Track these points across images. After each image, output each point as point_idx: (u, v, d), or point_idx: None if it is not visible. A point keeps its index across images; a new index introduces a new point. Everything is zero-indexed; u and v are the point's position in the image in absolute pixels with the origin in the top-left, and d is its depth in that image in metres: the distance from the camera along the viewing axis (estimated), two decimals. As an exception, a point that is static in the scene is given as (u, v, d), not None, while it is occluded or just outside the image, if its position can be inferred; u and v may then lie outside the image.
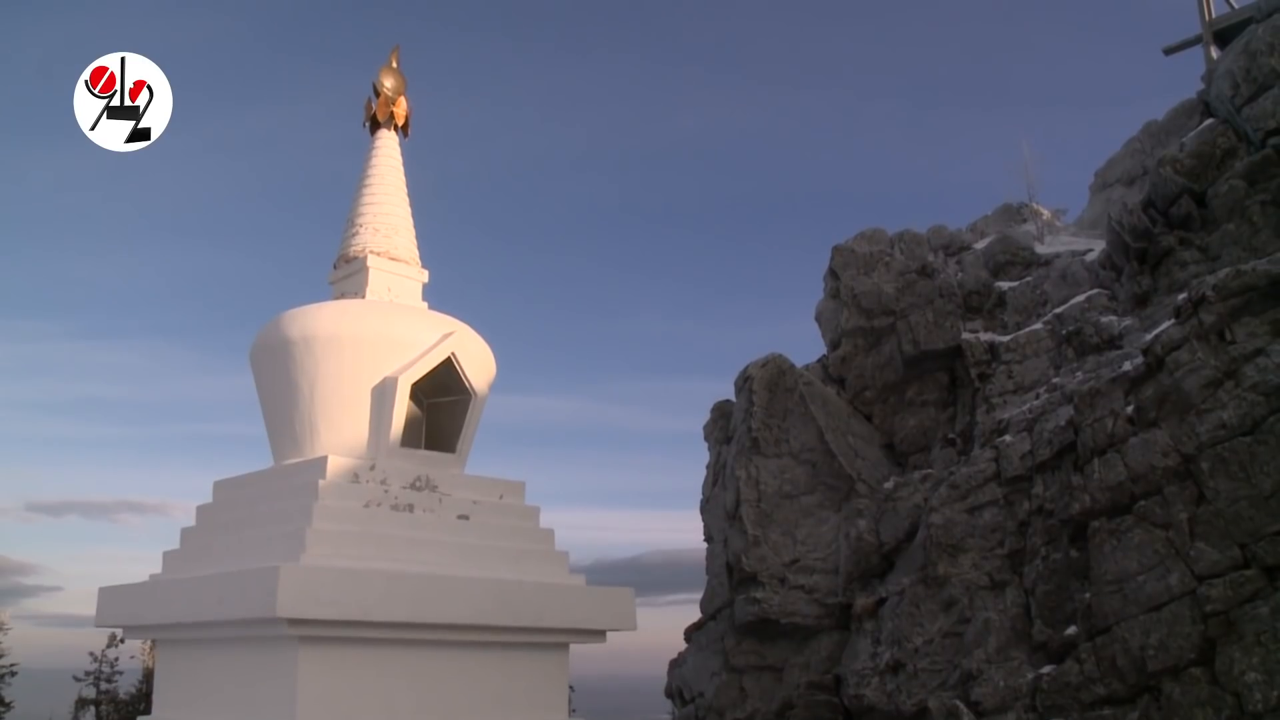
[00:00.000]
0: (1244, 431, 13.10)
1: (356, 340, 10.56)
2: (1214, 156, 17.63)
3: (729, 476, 20.59)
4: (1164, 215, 18.17)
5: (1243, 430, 13.11)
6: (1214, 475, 13.22)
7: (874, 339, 21.73)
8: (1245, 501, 12.90)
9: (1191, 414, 13.68)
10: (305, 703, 9.01)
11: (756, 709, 18.97)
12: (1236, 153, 17.47)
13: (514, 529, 11.13)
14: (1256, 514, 12.79)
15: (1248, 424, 13.10)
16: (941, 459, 19.45)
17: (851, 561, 18.66)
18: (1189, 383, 13.78)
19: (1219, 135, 17.76)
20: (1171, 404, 13.97)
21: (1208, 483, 13.29)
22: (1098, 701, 13.71)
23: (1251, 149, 17.23)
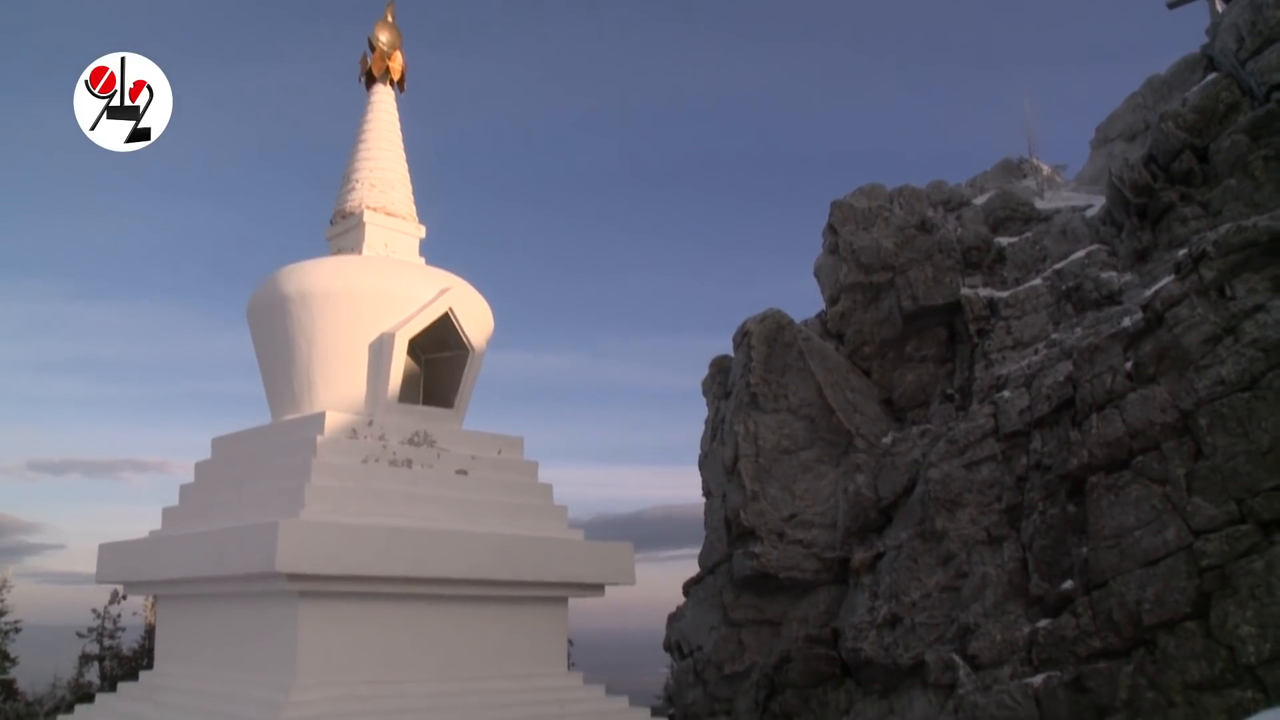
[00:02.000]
0: (1243, 387, 13.10)
1: (353, 296, 10.53)
2: (1217, 111, 17.51)
3: (727, 432, 20.62)
4: (1165, 171, 18.07)
5: (1241, 386, 13.11)
6: (1212, 431, 13.24)
7: (873, 294, 21.69)
8: (1243, 457, 12.93)
9: (1190, 370, 13.67)
10: (305, 656, 9.06)
11: (754, 662, 19.12)
12: (1240, 107, 17.35)
13: (512, 484, 11.16)
14: (1254, 469, 12.82)
15: (1246, 380, 13.09)
16: (940, 414, 19.47)
17: (849, 516, 18.73)
18: (1188, 339, 13.77)
19: (1222, 90, 17.62)
20: (1170, 360, 13.96)
21: (1206, 438, 13.31)
22: (1093, 655, 13.81)
23: (1255, 103, 17.10)
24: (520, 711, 10.13)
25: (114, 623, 22.47)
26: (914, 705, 16.00)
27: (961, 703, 14.74)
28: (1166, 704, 12.89)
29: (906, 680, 16.40)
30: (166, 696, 10.29)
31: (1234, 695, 12.37)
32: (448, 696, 9.81)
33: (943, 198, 24.06)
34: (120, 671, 20.35)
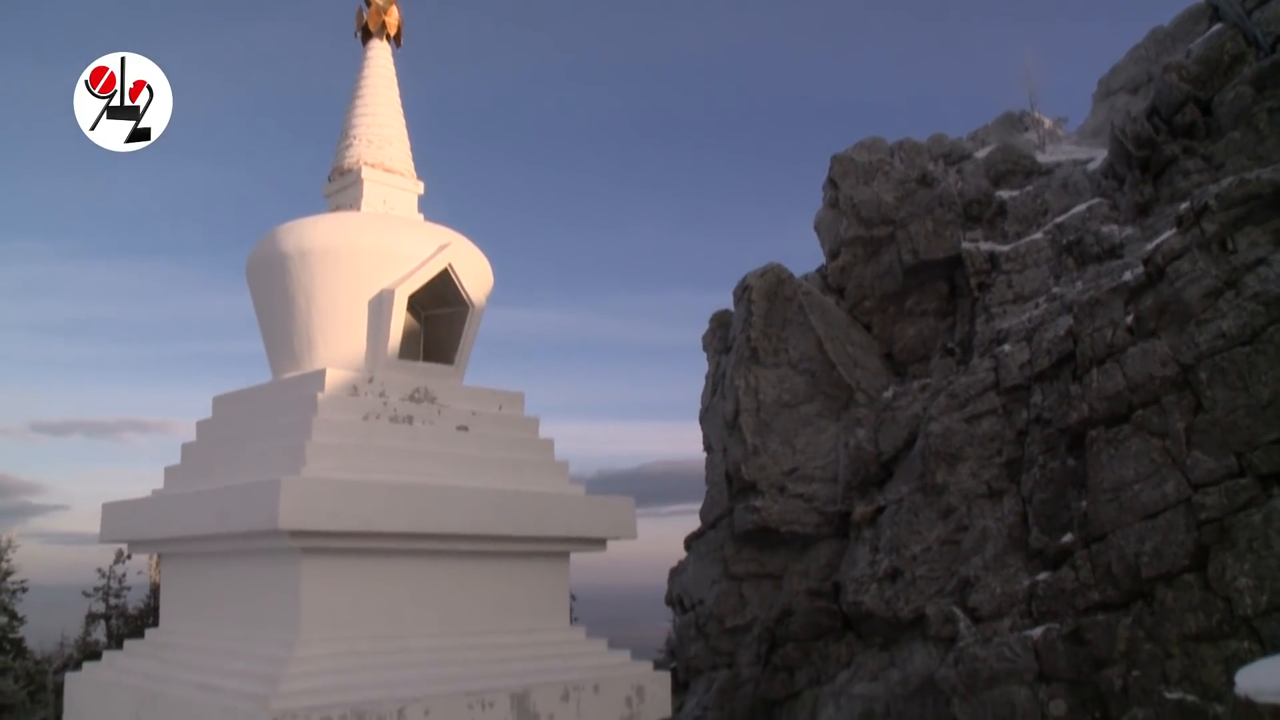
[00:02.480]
0: (1243, 341, 13.08)
1: (352, 253, 10.50)
2: (1221, 63, 17.38)
3: (728, 386, 20.63)
4: (1168, 123, 17.96)
5: (1242, 340, 13.10)
6: (1212, 385, 13.24)
7: (873, 248, 21.64)
8: (1242, 410, 12.94)
9: (1191, 324, 13.65)
10: (308, 613, 9.11)
11: (756, 616, 19.24)
12: (1245, 58, 17.22)
13: (513, 439, 11.17)
14: (1253, 423, 12.83)
15: (1247, 334, 13.07)
16: (940, 368, 19.48)
17: (850, 470, 18.78)
18: (1189, 292, 13.73)
19: (1227, 41, 17.48)
20: (1171, 314, 13.94)
21: (1205, 392, 13.31)
22: (1092, 607, 13.89)
23: (1260, 54, 16.97)
24: (522, 666, 10.20)
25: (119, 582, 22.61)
26: (914, 657, 16.13)
27: (961, 655, 14.85)
28: (1164, 655, 12.99)
29: (907, 633, 16.52)
30: (172, 654, 10.36)
31: (1230, 646, 12.46)
32: (450, 651, 9.87)
33: (943, 151, 23.94)
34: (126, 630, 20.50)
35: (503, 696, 9.68)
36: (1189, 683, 12.75)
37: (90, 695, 10.84)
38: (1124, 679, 13.24)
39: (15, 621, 21.95)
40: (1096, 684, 13.57)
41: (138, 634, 12.02)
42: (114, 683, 10.49)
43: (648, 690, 10.97)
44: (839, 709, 16.80)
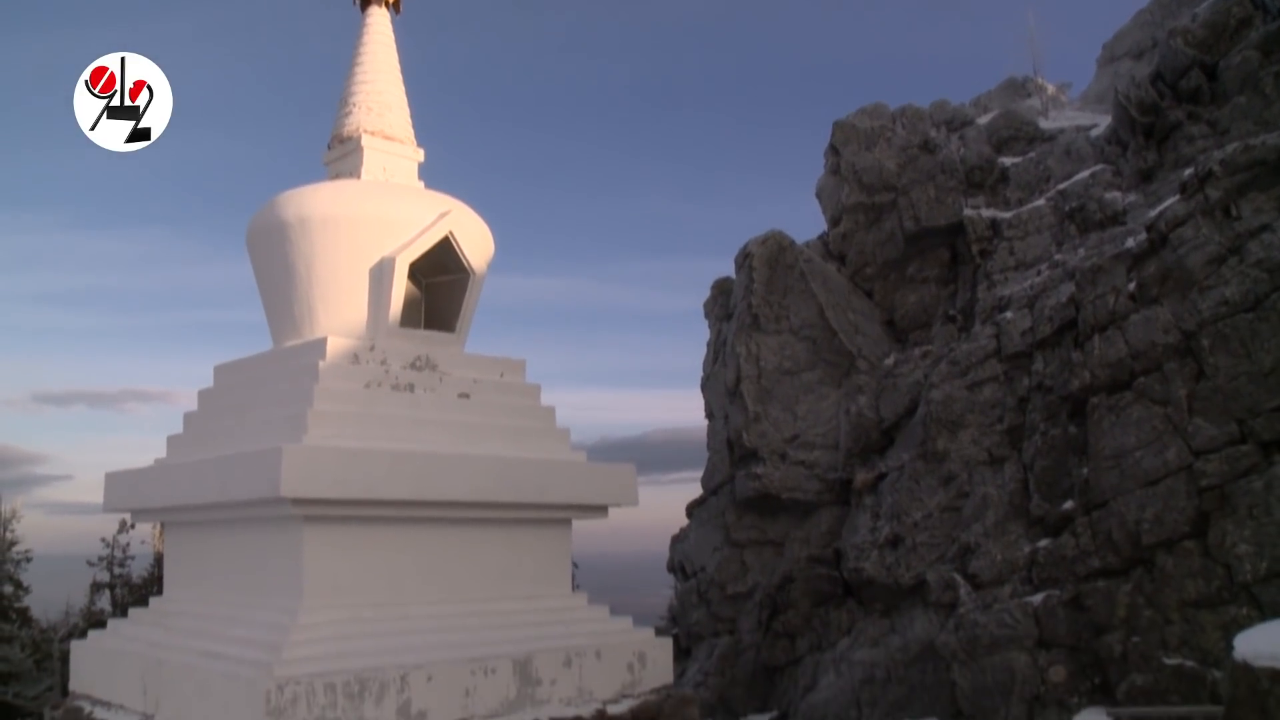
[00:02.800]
0: (1246, 308, 13.05)
1: (353, 220, 10.47)
2: (1227, 27, 17.26)
3: (729, 353, 20.63)
4: (1172, 89, 17.86)
5: (1245, 307, 13.06)
6: (1214, 352, 13.22)
7: (875, 215, 21.57)
8: (1244, 378, 12.92)
9: (1194, 291, 13.61)
10: (311, 580, 9.15)
11: (757, 582, 19.32)
12: (1251, 22, 17.09)
13: (515, 407, 11.18)
14: (1255, 390, 12.82)
15: (1250, 300, 13.04)
16: (942, 335, 19.46)
17: (851, 437, 18.80)
18: (1192, 259, 13.69)
19: (1233, 5, 17.34)
20: (1174, 280, 13.90)
21: (1208, 359, 13.29)
22: (1092, 574, 13.93)
23: (1268, 18, 16.85)
24: (524, 632, 10.25)
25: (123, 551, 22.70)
26: (915, 624, 16.20)
27: (962, 621, 14.91)
28: (1163, 622, 13.04)
29: (908, 599, 16.58)
30: (176, 621, 10.41)
31: (1229, 613, 12.51)
32: (452, 618, 9.91)
33: (946, 117, 23.83)
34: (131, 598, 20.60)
35: (505, 663, 9.73)
36: (1188, 648, 12.81)
37: (96, 662, 10.91)
38: (1123, 645, 13.30)
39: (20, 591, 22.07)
40: (1096, 650, 13.63)
41: (142, 603, 12.09)
42: (119, 650, 10.55)
43: (649, 656, 11.04)
44: (839, 675, 16.90)
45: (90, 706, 10.49)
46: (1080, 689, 13.65)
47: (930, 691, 15.41)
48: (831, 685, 16.90)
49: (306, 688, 8.34)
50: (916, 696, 15.59)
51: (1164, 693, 12.69)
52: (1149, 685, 12.83)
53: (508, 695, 9.71)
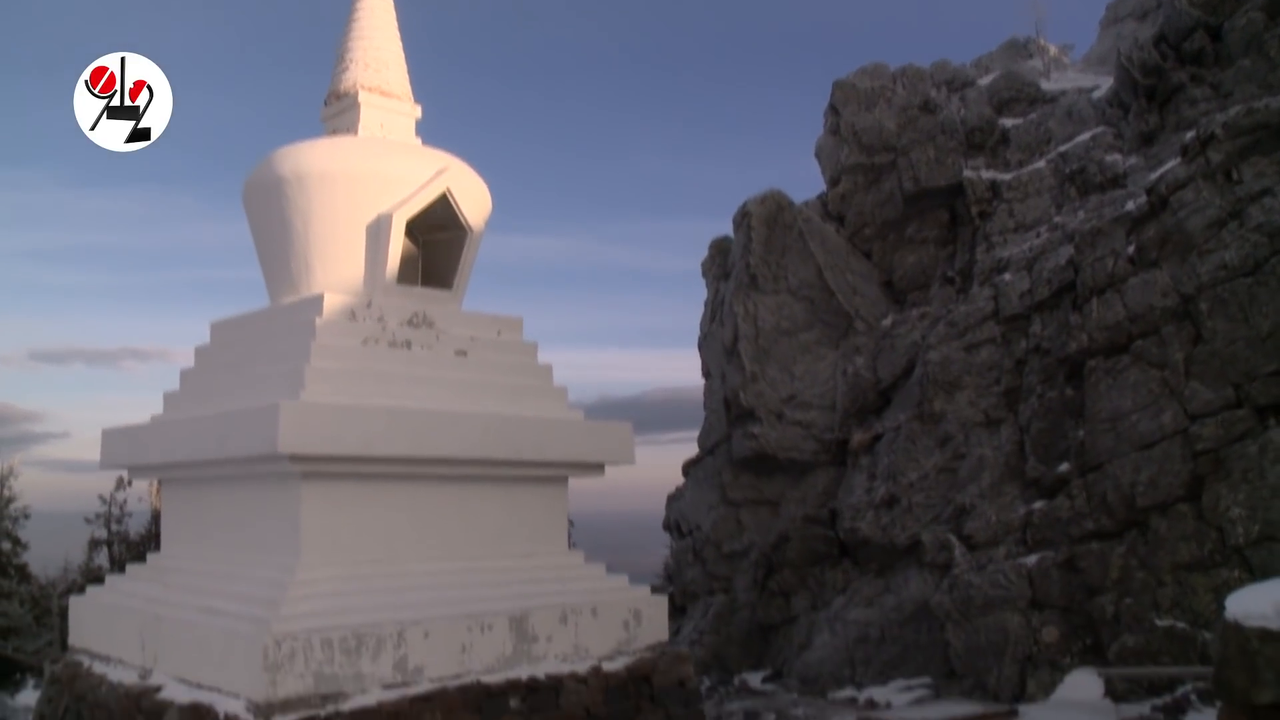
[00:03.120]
0: (1245, 272, 13.03)
1: (349, 177, 10.43)
2: (1231, -12, 17.09)
3: (727, 313, 20.62)
4: (1176, 51, 17.73)
5: (1244, 271, 13.04)
6: (1212, 316, 13.21)
7: (874, 175, 21.48)
8: (1242, 342, 12.92)
9: (1193, 254, 13.58)
10: (309, 536, 9.19)
11: (753, 542, 19.40)
12: (1255, -16, 16.93)
13: (512, 364, 11.19)
14: (1252, 355, 12.82)
15: (1249, 265, 13.01)
16: (940, 297, 19.44)
17: (848, 398, 18.83)
18: (1192, 223, 13.65)
19: (1238, -34, 17.17)
20: (1173, 244, 13.86)
21: (1206, 323, 13.28)
22: (1086, 536, 13.99)
23: (1272, -20, 16.67)
24: (520, 589, 10.31)
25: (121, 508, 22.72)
26: (909, 584, 16.28)
27: (956, 582, 14.99)
28: (1156, 583, 13.11)
29: (902, 559, 16.67)
30: (174, 577, 10.46)
31: (1221, 575, 12.57)
32: (449, 574, 9.97)
33: (946, 78, 23.68)
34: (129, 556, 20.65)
35: (501, 619, 9.80)
36: (1179, 610, 12.89)
37: (94, 617, 10.97)
38: (1116, 606, 13.38)
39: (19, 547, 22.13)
40: (1089, 611, 13.71)
41: (140, 560, 12.13)
42: (117, 605, 10.61)
43: (645, 614, 11.12)
44: (834, 634, 17.01)
45: (89, 661, 10.57)
46: (1072, 649, 13.75)
47: (924, 651, 15.52)
48: (826, 644, 17.02)
49: (304, 643, 8.40)
50: (910, 656, 15.71)
51: (1155, 653, 12.79)
52: (1140, 646, 12.92)
53: (504, 651, 9.78)
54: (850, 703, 14.88)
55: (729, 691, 16.63)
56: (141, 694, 9.14)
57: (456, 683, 9.19)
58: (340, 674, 8.56)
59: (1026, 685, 13.80)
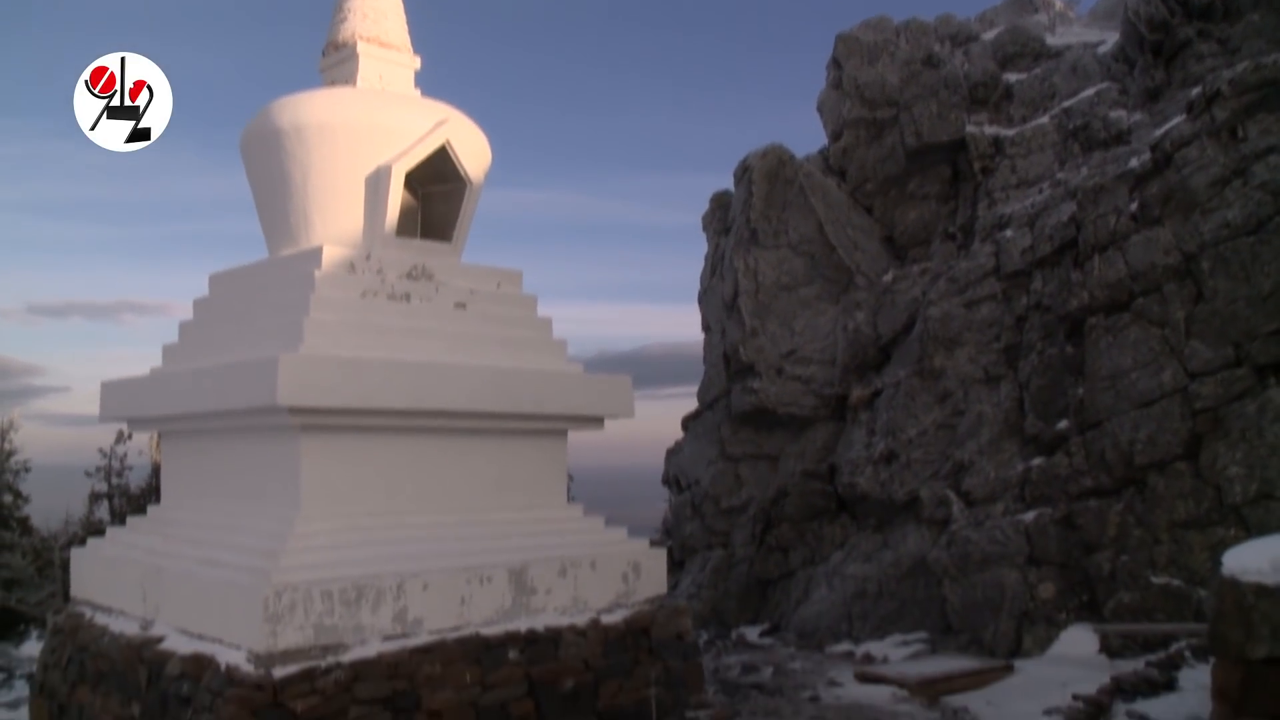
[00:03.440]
0: (1248, 231, 12.98)
1: (348, 128, 10.37)
2: (1242, -60, 16.91)
3: (727, 267, 20.57)
4: (1183, 5, 17.56)
5: (1247, 230, 12.99)
6: (1214, 274, 13.18)
7: (876, 130, 21.35)
8: (1243, 301, 12.90)
9: (1196, 212, 13.53)
10: (308, 489, 9.21)
11: (751, 496, 19.47)
12: (1265, -63, 16.75)
13: (511, 317, 11.18)
14: (1253, 314, 12.80)
15: (1252, 223, 12.96)
16: (941, 253, 19.38)
17: (848, 353, 18.82)
18: (1196, 180, 13.58)
19: (1247, -82, 16.98)
20: (1176, 202, 13.80)
21: (1207, 282, 13.25)
22: (1084, 493, 14.04)
23: (1281, -67, 16.50)
24: (520, 542, 10.35)
25: (121, 462, 22.80)
26: (907, 539, 16.35)
27: (954, 537, 15.05)
28: (1152, 541, 13.17)
29: (901, 515, 16.73)
30: (174, 529, 10.50)
31: (1217, 533, 12.63)
32: (448, 527, 10.01)
33: (950, 32, 23.45)
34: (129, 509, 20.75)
35: (500, 572, 9.85)
36: (1175, 568, 12.96)
37: (96, 569, 11.03)
38: (1112, 564, 13.44)
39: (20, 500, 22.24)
40: (1085, 568, 13.78)
41: (140, 513, 12.17)
42: (118, 557, 10.66)
43: (644, 567, 11.18)
44: (832, 589, 17.10)
45: (91, 612, 10.63)
46: (1068, 606, 13.83)
47: (921, 606, 15.61)
48: (823, 599, 17.12)
49: (304, 595, 8.45)
50: (907, 611, 15.81)
51: (1150, 610, 12.88)
52: (1135, 603, 13.01)
53: (503, 604, 9.84)
54: (847, 657, 14.98)
55: (727, 645, 16.75)
56: (143, 644, 9.21)
57: (455, 635, 9.26)
58: (340, 625, 8.61)
59: (1022, 641, 13.89)
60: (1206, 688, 5.48)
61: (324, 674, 8.27)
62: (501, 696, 9.34)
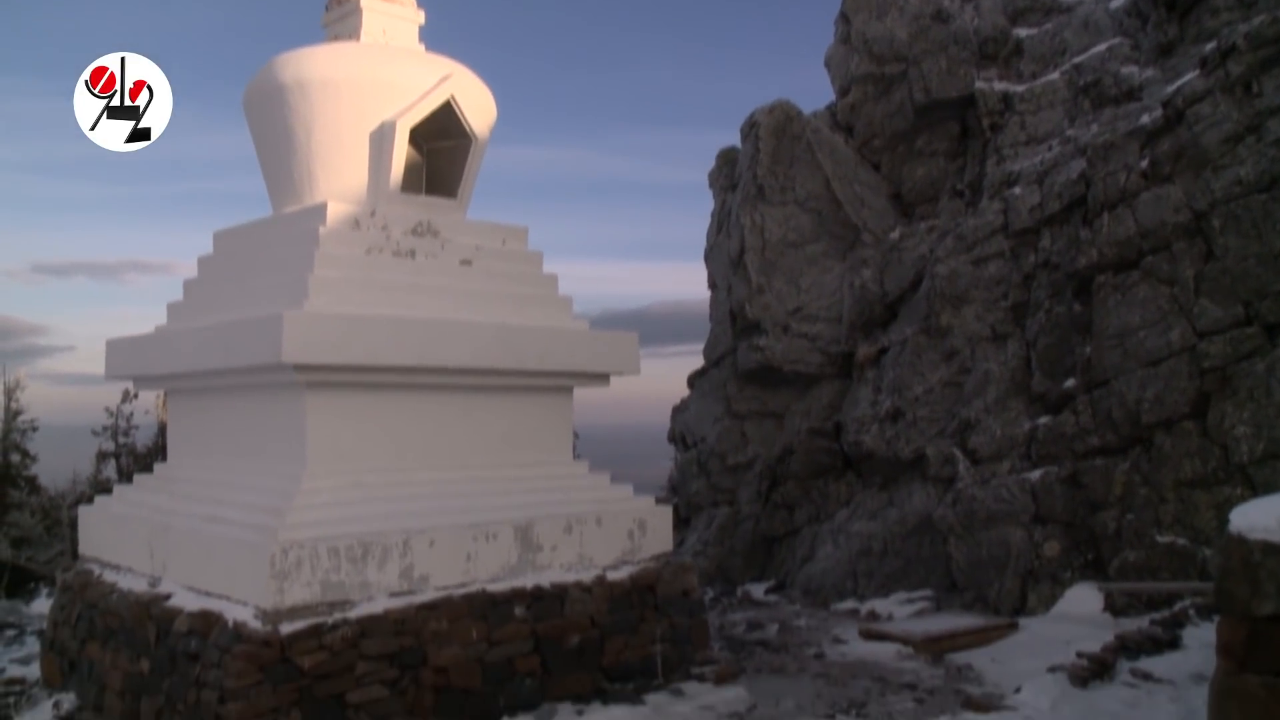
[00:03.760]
0: (1261, 188, 12.86)
1: (352, 83, 10.29)
2: (1256, -108, 16.65)
3: (733, 224, 20.47)
4: (1197, -42, 17.32)
5: (1260, 187, 12.87)
6: (1225, 232, 13.07)
7: (884, 86, 21.15)
8: (1254, 259, 12.80)
9: (1208, 169, 13.40)
10: (314, 446, 9.22)
11: (757, 454, 19.48)
12: (1281, -112, 16.49)
13: (517, 274, 11.15)
14: (1264, 272, 12.71)
15: (1265, 180, 12.84)
16: (949, 210, 19.26)
17: (855, 310, 18.76)
18: (1208, 137, 13.44)
19: None
20: (1188, 159, 13.67)
21: (1218, 240, 13.15)
22: (1090, 452, 14.02)
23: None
24: (525, 499, 10.37)
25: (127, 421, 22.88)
26: (913, 497, 16.37)
27: (959, 495, 15.06)
28: (1158, 500, 13.16)
29: (906, 473, 16.73)
30: (181, 487, 10.53)
31: (1223, 493, 12.61)
32: (454, 484, 10.03)
33: (962, -14, 23.17)
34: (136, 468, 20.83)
35: (506, 528, 9.87)
36: (1180, 527, 12.96)
37: (103, 527, 11.08)
38: (1118, 522, 13.45)
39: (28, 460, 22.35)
40: (1091, 527, 13.79)
41: (147, 472, 12.20)
42: (126, 515, 10.70)
43: (649, 524, 11.20)
44: (837, 546, 17.14)
45: (100, 569, 10.69)
46: (1073, 564, 13.85)
47: (926, 564, 15.65)
48: (829, 556, 17.17)
49: (310, 551, 8.47)
50: (912, 569, 15.85)
51: (1155, 569, 12.89)
52: (1140, 562, 13.02)
53: (509, 560, 9.87)
54: (852, 614, 15.04)
55: (732, 602, 16.82)
56: (151, 601, 9.25)
57: (462, 591, 9.29)
58: (347, 582, 8.64)
59: (1027, 599, 13.93)
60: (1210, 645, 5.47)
61: (331, 630, 8.31)
62: (507, 653, 9.39)
